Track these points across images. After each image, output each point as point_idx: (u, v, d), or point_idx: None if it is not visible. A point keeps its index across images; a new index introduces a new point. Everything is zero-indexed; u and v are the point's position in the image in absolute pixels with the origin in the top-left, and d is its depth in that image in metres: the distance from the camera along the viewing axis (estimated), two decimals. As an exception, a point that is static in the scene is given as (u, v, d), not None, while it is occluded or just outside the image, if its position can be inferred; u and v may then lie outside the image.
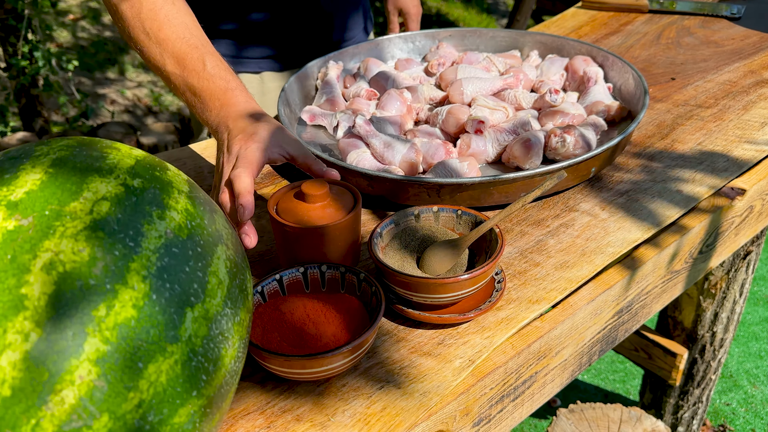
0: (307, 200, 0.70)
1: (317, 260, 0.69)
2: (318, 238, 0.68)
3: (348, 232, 0.70)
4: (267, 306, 0.63)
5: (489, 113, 0.96)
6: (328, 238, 0.68)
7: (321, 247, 0.69)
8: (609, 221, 0.81)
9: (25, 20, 2.92)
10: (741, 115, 1.02)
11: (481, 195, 0.82)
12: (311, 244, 0.69)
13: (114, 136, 2.93)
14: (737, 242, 1.04)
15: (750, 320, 2.21)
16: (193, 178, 0.95)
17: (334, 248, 0.70)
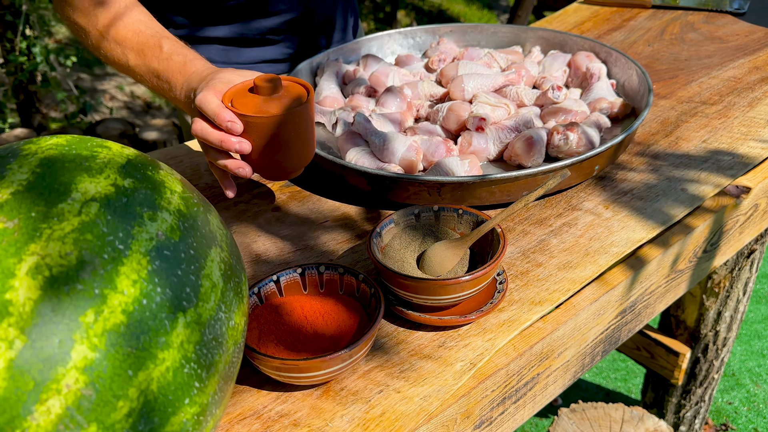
0: (260, 92, 0.71)
1: (274, 154, 0.71)
2: (278, 126, 0.69)
3: (306, 123, 0.72)
4: (264, 308, 0.61)
5: (490, 110, 0.94)
6: (288, 128, 0.70)
7: (278, 137, 0.70)
8: (613, 220, 0.80)
9: (22, 16, 2.90)
10: (746, 112, 1.00)
11: (482, 194, 0.80)
12: (270, 134, 0.69)
13: (112, 132, 2.91)
14: (742, 241, 1.03)
15: (753, 318, 2.19)
16: (189, 177, 0.93)
17: (294, 139, 0.72)
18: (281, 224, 0.83)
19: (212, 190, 0.90)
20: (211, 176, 0.93)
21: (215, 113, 0.69)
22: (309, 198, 0.88)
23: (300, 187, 0.90)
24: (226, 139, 0.71)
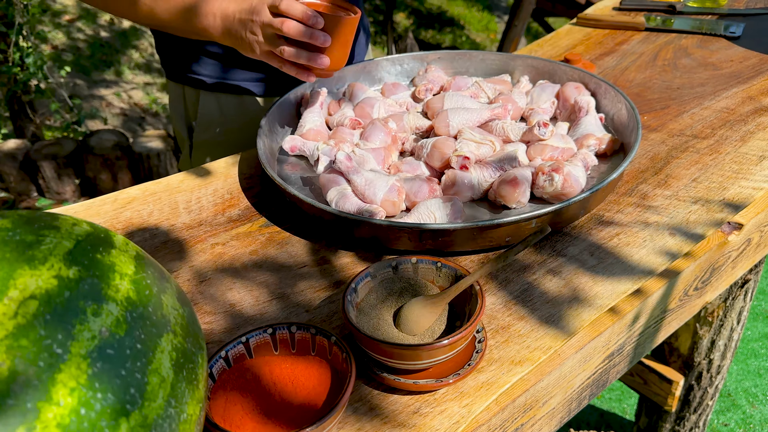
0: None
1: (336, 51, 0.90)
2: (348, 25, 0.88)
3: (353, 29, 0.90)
4: (231, 372, 0.59)
5: (475, 147, 0.92)
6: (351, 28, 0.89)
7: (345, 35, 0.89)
8: (598, 268, 0.77)
9: (15, 27, 2.88)
10: (738, 147, 0.98)
11: (464, 240, 0.78)
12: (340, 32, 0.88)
13: (105, 144, 2.89)
14: (734, 275, 1.01)
15: (749, 336, 2.17)
16: (167, 214, 0.91)
17: (350, 40, 0.91)
18: (258, 269, 0.80)
19: (190, 231, 0.88)
20: (189, 215, 0.91)
21: (304, 12, 0.84)
22: (288, 240, 0.86)
23: (280, 228, 0.88)
24: (314, 33, 0.85)
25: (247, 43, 0.91)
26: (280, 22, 0.86)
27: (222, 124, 1.20)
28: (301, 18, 0.85)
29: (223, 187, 0.97)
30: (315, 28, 0.86)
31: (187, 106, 1.21)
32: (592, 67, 1.23)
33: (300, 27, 0.85)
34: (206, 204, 0.93)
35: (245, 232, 0.87)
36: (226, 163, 1.03)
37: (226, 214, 0.91)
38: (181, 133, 1.25)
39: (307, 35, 0.86)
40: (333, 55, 0.90)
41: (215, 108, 1.19)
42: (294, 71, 0.91)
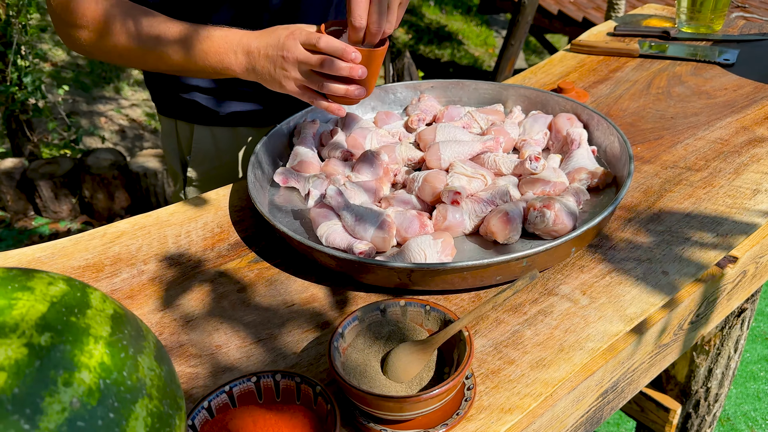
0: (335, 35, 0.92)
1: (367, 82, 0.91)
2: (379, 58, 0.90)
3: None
4: (214, 423, 0.58)
5: (466, 182, 0.91)
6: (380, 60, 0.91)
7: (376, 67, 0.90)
8: (589, 309, 0.76)
9: (13, 46, 2.88)
10: (732, 180, 0.97)
11: (454, 279, 0.77)
12: (373, 64, 0.89)
13: (102, 163, 2.89)
14: (730, 306, 1.00)
15: (748, 359, 2.15)
16: (155, 249, 0.90)
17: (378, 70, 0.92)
18: (245, 308, 0.79)
19: (178, 267, 0.87)
20: (178, 250, 0.90)
21: (343, 49, 0.85)
22: (277, 276, 0.85)
23: (269, 263, 0.87)
24: (354, 68, 0.86)
25: (276, 79, 0.91)
26: (318, 60, 0.86)
27: (216, 157, 1.19)
28: (341, 55, 0.86)
29: (213, 220, 0.96)
30: (354, 63, 0.86)
31: (180, 141, 1.21)
32: (586, 95, 1.22)
33: (339, 64, 0.86)
34: (195, 238, 0.93)
35: (234, 268, 0.86)
36: (218, 195, 1.02)
37: (216, 248, 0.90)
38: (174, 168, 1.25)
39: (347, 71, 0.86)
40: (366, 85, 0.92)
41: (209, 141, 1.18)
42: (326, 106, 0.92)
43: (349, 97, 0.90)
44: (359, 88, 0.90)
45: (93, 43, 0.95)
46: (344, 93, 0.90)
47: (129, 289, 0.84)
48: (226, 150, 1.19)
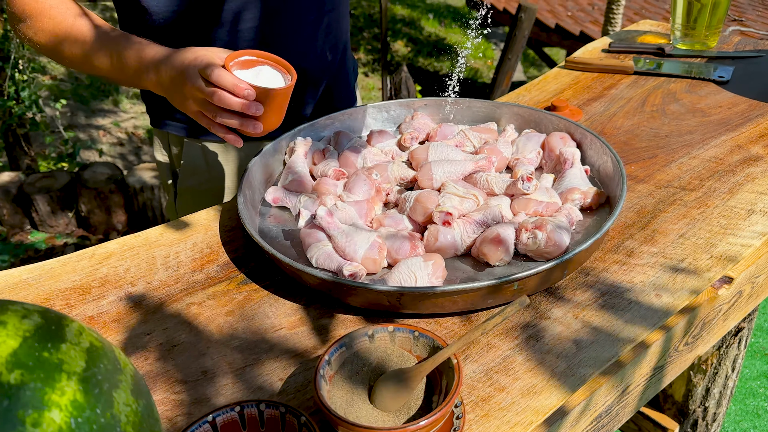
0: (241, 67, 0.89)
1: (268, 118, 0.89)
2: (281, 96, 0.88)
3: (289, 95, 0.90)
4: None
5: (458, 202, 0.91)
6: (284, 98, 0.89)
7: (278, 104, 0.88)
8: (582, 333, 0.75)
9: (11, 60, 2.89)
10: (727, 200, 0.96)
11: (444, 303, 0.76)
12: (274, 102, 0.87)
13: (99, 177, 2.89)
14: (726, 326, 0.99)
15: (747, 375, 2.14)
16: (143, 270, 0.89)
17: (283, 107, 0.90)
18: (233, 332, 0.78)
19: (166, 289, 0.86)
20: (167, 271, 0.89)
21: (234, 84, 0.83)
22: (266, 299, 0.84)
23: (259, 285, 0.86)
24: (246, 104, 0.84)
25: (178, 101, 0.91)
26: (212, 92, 0.85)
27: (206, 171, 1.19)
28: (231, 91, 0.84)
29: (203, 240, 0.96)
30: (246, 100, 0.84)
31: (171, 153, 1.20)
32: (580, 113, 1.22)
33: (231, 99, 0.84)
34: (184, 259, 0.92)
35: (222, 291, 0.85)
36: (208, 215, 1.01)
37: (205, 270, 0.89)
38: (166, 180, 1.24)
39: (238, 107, 0.85)
40: (266, 120, 0.90)
41: (199, 155, 1.18)
42: (222, 133, 0.90)
43: (244, 132, 0.89)
44: (255, 124, 0.88)
45: (31, 38, 0.97)
46: (238, 127, 0.88)
47: (116, 312, 0.83)
48: (216, 163, 1.19)
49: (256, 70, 0.90)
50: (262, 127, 0.89)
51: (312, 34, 1.14)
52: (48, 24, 0.96)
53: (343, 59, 1.24)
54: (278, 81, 0.91)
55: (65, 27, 0.95)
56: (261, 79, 0.89)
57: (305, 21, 1.12)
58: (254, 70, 0.90)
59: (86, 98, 4.90)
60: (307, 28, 1.13)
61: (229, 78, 0.84)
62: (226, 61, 0.87)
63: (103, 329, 0.80)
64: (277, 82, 0.90)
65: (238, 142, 0.91)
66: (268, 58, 0.91)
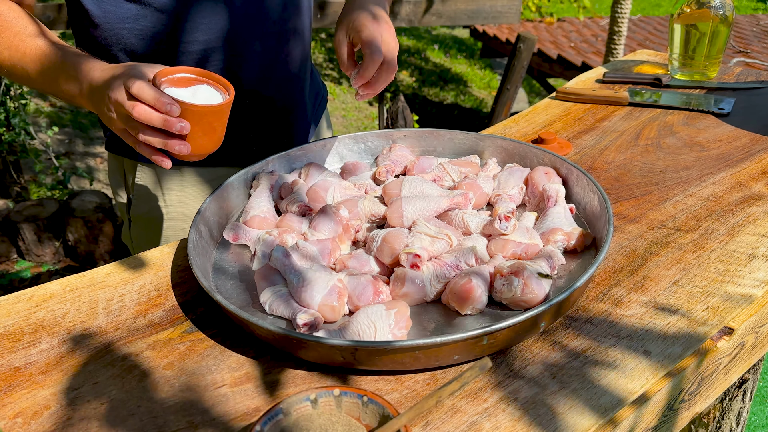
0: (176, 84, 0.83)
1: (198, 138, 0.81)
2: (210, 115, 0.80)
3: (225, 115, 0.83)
4: None
5: (429, 243, 0.83)
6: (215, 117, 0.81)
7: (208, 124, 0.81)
8: (559, 396, 0.66)
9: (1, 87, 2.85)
10: (726, 243, 0.88)
11: (404, 359, 0.68)
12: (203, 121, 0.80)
13: (87, 206, 2.83)
14: (728, 380, 0.89)
15: (756, 422, 2.02)
16: (83, 315, 0.82)
17: (217, 128, 0.83)
18: (169, 389, 0.70)
19: (104, 337, 0.78)
20: (107, 317, 0.81)
21: (155, 98, 0.77)
22: (211, 350, 0.75)
23: (205, 334, 0.78)
24: (169, 120, 0.77)
25: (105, 118, 0.84)
26: (131, 105, 0.78)
27: (160, 197, 1.12)
28: (152, 104, 0.77)
29: (151, 282, 0.88)
30: (169, 116, 0.78)
31: (126, 178, 1.14)
32: (569, 146, 1.14)
33: (151, 114, 0.78)
34: (129, 303, 0.84)
35: (164, 340, 0.77)
36: (161, 253, 0.94)
37: (148, 316, 0.81)
38: (121, 206, 1.18)
39: (159, 123, 0.78)
40: (195, 141, 0.81)
41: (153, 180, 1.11)
42: (148, 153, 0.83)
43: (171, 151, 0.81)
44: (181, 144, 0.80)
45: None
46: (163, 146, 0.81)
47: (45, 363, 0.75)
48: (171, 190, 1.12)
49: (193, 89, 0.84)
50: (189, 148, 0.81)
51: (273, 59, 1.09)
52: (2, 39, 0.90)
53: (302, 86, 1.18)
54: (216, 100, 0.83)
55: (8, 36, 0.89)
56: (198, 97, 0.82)
57: (265, 45, 1.06)
58: (192, 89, 0.83)
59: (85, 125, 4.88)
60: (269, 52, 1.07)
61: (149, 91, 0.77)
62: (157, 75, 0.80)
63: (28, 383, 0.72)
64: (214, 101, 0.83)
65: (165, 163, 0.83)
66: (206, 76, 0.85)
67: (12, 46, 0.88)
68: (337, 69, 7.12)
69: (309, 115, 1.21)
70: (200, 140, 0.81)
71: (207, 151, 0.84)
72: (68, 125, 4.75)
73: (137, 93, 0.77)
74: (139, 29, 0.97)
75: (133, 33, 0.98)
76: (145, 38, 0.98)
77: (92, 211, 2.83)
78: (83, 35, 1.02)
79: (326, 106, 1.32)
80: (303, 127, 1.21)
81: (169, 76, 0.82)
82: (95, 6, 0.95)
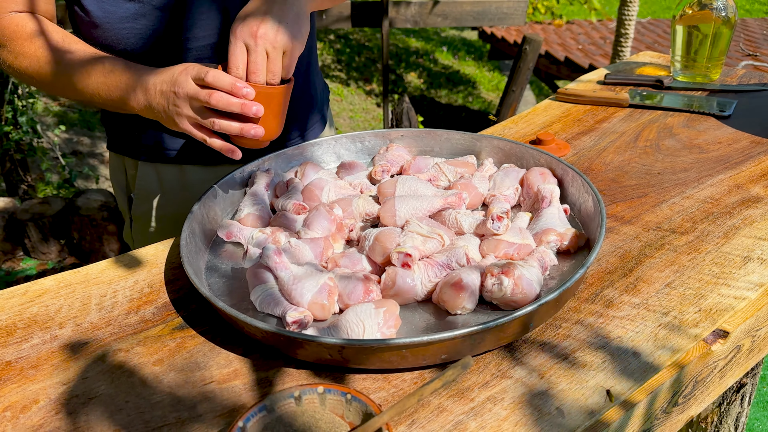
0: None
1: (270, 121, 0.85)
2: (281, 96, 0.85)
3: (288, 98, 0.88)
4: None
5: (421, 242, 0.82)
6: (283, 99, 0.86)
7: (279, 106, 0.85)
8: (547, 396, 0.66)
9: (9, 85, 2.88)
10: (721, 246, 0.87)
11: (391, 357, 0.68)
12: (274, 103, 0.84)
13: (92, 204, 2.84)
14: (725, 384, 0.88)
15: (759, 428, 2.00)
16: (75, 311, 0.82)
17: (284, 110, 0.88)
18: (158, 384, 0.70)
19: (95, 332, 0.78)
20: (99, 312, 0.82)
21: (232, 83, 0.80)
22: (200, 347, 0.75)
23: (195, 331, 0.78)
24: (246, 104, 0.80)
25: (170, 117, 0.85)
26: (207, 94, 0.81)
27: (161, 195, 1.13)
28: (230, 90, 0.80)
29: (145, 279, 0.88)
30: (246, 99, 0.80)
31: (127, 177, 1.15)
32: (567, 147, 1.14)
33: (230, 99, 0.81)
34: (121, 299, 0.84)
35: (154, 336, 0.77)
36: (156, 250, 0.94)
37: (140, 312, 0.81)
38: (122, 205, 1.19)
39: (238, 108, 0.81)
40: (266, 125, 0.85)
41: (154, 179, 1.12)
42: (220, 146, 0.86)
43: (245, 136, 0.84)
44: (256, 127, 0.83)
45: (10, 63, 0.93)
46: (238, 132, 0.83)
47: (36, 358, 0.75)
48: (171, 189, 1.12)
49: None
50: (263, 131, 0.84)
51: None
52: (30, 47, 0.91)
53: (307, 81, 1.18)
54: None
55: (49, 50, 0.91)
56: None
57: None
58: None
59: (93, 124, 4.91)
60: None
61: (226, 77, 0.80)
62: (220, 67, 0.84)
63: (19, 377, 0.72)
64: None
65: (236, 153, 0.87)
66: None
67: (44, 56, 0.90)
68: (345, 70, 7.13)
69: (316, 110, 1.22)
70: (271, 123, 0.85)
71: (275, 135, 0.87)
72: (76, 124, 4.79)
73: (213, 81, 0.79)
74: (139, 28, 0.97)
75: (133, 32, 0.98)
76: (145, 37, 0.99)
77: (97, 210, 2.84)
78: (85, 36, 1.02)
79: (328, 105, 1.32)
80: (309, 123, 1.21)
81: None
82: (96, 6, 0.95)
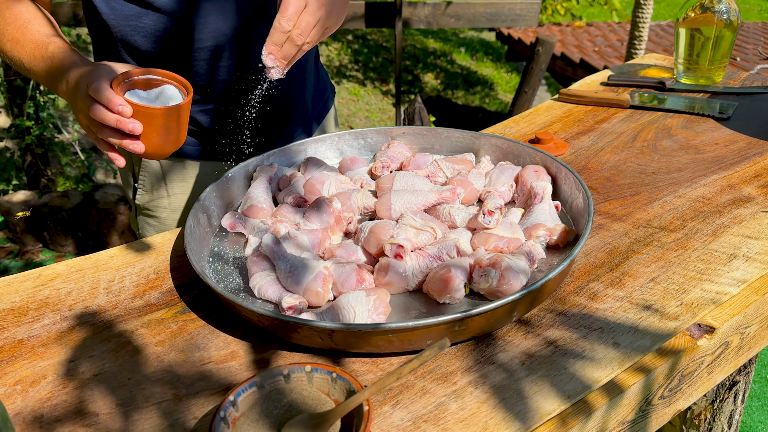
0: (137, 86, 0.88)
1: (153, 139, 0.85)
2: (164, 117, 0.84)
3: (183, 116, 0.87)
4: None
5: (413, 234, 0.86)
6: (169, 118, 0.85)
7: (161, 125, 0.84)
8: (526, 381, 0.69)
9: (31, 82, 2.95)
10: (708, 243, 0.89)
11: (379, 342, 0.71)
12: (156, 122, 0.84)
13: (110, 198, 2.91)
14: (713, 380, 0.90)
15: (762, 431, 2.00)
16: (85, 294, 0.87)
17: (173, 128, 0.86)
18: (159, 364, 0.74)
19: (102, 315, 0.83)
20: (107, 296, 0.86)
21: (108, 99, 0.82)
22: (200, 330, 0.79)
23: (197, 315, 0.82)
24: (122, 120, 0.82)
25: (76, 114, 0.91)
26: (89, 105, 0.84)
27: (163, 186, 1.17)
28: (106, 105, 0.83)
29: (151, 265, 0.92)
30: (121, 116, 0.83)
31: (133, 168, 1.19)
32: (565, 146, 1.16)
33: (105, 114, 0.83)
34: (128, 284, 0.88)
35: (158, 319, 0.81)
36: (163, 239, 0.98)
37: (145, 297, 0.86)
38: (128, 194, 1.24)
39: (113, 122, 0.83)
40: (150, 141, 0.86)
41: (156, 171, 1.16)
42: (106, 149, 0.89)
43: (126, 149, 0.86)
44: (135, 143, 0.85)
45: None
46: (118, 145, 0.86)
47: (46, 336, 0.80)
48: (174, 180, 1.17)
49: (159, 90, 0.88)
50: (143, 147, 0.86)
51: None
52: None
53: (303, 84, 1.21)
54: (176, 101, 0.87)
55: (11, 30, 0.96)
56: (162, 98, 0.87)
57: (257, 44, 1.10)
58: (157, 90, 0.88)
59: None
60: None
61: (105, 93, 0.82)
62: (122, 76, 0.85)
63: (29, 354, 0.77)
64: (174, 102, 0.87)
65: (119, 161, 0.90)
66: (170, 77, 0.89)
67: (14, 39, 0.95)
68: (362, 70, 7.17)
69: (309, 112, 1.25)
70: (155, 140, 0.86)
71: (163, 151, 0.88)
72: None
73: (94, 94, 0.83)
74: (143, 27, 1.02)
75: (137, 31, 1.02)
76: (149, 37, 1.03)
77: (114, 203, 2.91)
78: (97, 34, 1.07)
79: (333, 105, 1.35)
80: (302, 123, 1.24)
81: (135, 77, 0.87)
82: (104, 3, 1.00)
